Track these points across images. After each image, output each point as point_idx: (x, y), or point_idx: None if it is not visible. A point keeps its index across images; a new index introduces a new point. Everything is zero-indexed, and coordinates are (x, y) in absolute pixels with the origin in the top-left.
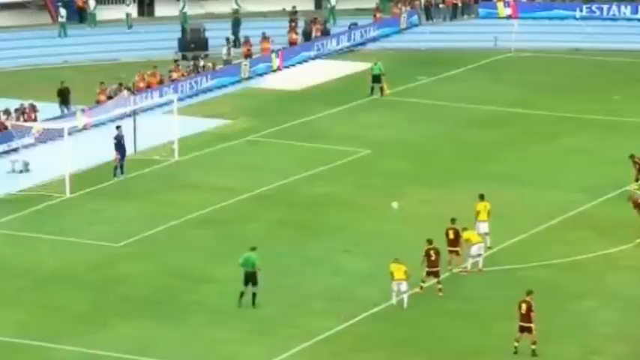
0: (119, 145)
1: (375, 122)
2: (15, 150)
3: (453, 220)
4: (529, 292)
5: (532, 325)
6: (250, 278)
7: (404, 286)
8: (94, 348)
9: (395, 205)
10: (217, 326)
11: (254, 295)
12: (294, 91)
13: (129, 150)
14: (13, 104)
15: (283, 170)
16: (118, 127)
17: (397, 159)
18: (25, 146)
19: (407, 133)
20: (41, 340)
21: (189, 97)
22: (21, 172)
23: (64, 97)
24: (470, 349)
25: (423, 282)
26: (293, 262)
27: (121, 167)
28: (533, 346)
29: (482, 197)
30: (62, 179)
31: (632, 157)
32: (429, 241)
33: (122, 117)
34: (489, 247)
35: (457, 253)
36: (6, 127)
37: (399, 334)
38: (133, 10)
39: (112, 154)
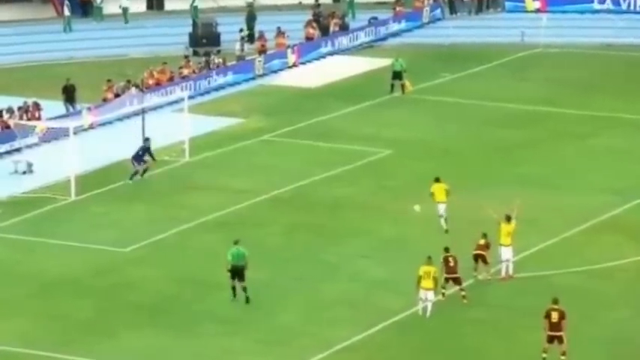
0: (140, 156)
1: (396, 121)
2: (18, 150)
3: (484, 235)
4: (555, 301)
5: (563, 333)
6: (238, 273)
7: (431, 295)
8: (99, 358)
9: (417, 208)
10: (229, 336)
11: (245, 289)
12: (310, 89)
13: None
14: (16, 102)
15: (299, 171)
16: (146, 140)
17: (419, 160)
18: (29, 146)
19: (429, 132)
20: (44, 350)
21: (201, 94)
22: (24, 173)
23: (69, 94)
24: (495, 359)
25: (444, 288)
26: (309, 267)
27: (143, 172)
28: (562, 357)
29: (437, 180)
30: (67, 181)
31: None
32: (446, 249)
33: (130, 115)
34: (446, 230)
35: (485, 260)
36: (8, 126)
37: (421, 344)
38: (129, 3)
39: (120, 154)
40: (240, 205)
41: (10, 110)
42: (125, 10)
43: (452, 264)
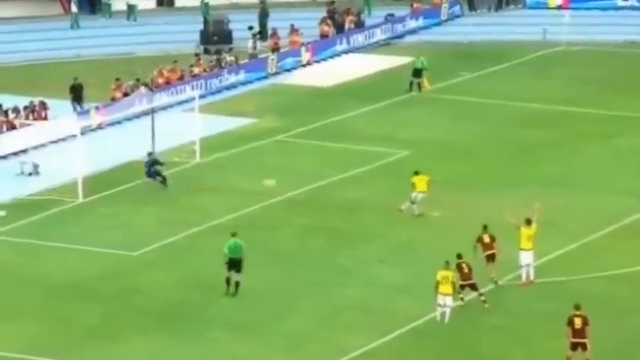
0: (152, 170)
1: (414, 121)
2: (24, 151)
3: (485, 227)
4: (577, 307)
5: (587, 340)
6: (236, 265)
7: (449, 301)
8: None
9: (436, 213)
10: (239, 341)
11: (237, 283)
12: (325, 88)
13: (146, 150)
14: (22, 101)
15: (313, 173)
16: (150, 154)
17: (437, 161)
18: (35, 147)
19: (448, 132)
20: (50, 356)
21: (212, 93)
22: (30, 174)
23: (76, 93)
24: None
25: (460, 293)
26: (324, 271)
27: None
28: None
29: (417, 173)
30: (74, 182)
31: None
32: (459, 256)
33: (139, 115)
34: (400, 210)
35: (493, 257)
36: (14, 127)
37: (439, 351)
38: (137, 0)
39: (128, 155)
40: (253, 208)
41: (15, 110)
42: (131, 7)
43: (466, 270)
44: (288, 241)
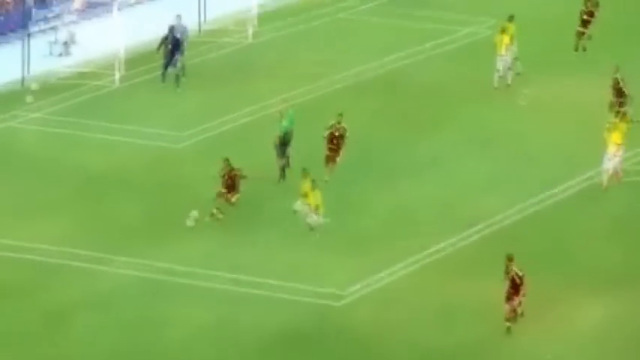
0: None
1: None
2: (53, 28)
3: (338, 121)
4: None
5: None
6: (290, 138)
7: None
8: (152, 261)
9: (523, 101)
10: (297, 244)
11: (288, 158)
12: None
13: (193, 28)
14: None
15: (384, 51)
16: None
17: (529, 37)
18: (65, 23)
19: (541, 5)
20: (87, 258)
21: None
22: (60, 55)
23: None
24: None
25: None
26: (395, 164)
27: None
28: None
29: (511, 19)
30: (111, 64)
31: None
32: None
33: None
34: (518, 74)
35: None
36: None
37: (527, 253)
38: None
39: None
40: (313, 92)
41: None
42: None
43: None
44: (353, 129)
